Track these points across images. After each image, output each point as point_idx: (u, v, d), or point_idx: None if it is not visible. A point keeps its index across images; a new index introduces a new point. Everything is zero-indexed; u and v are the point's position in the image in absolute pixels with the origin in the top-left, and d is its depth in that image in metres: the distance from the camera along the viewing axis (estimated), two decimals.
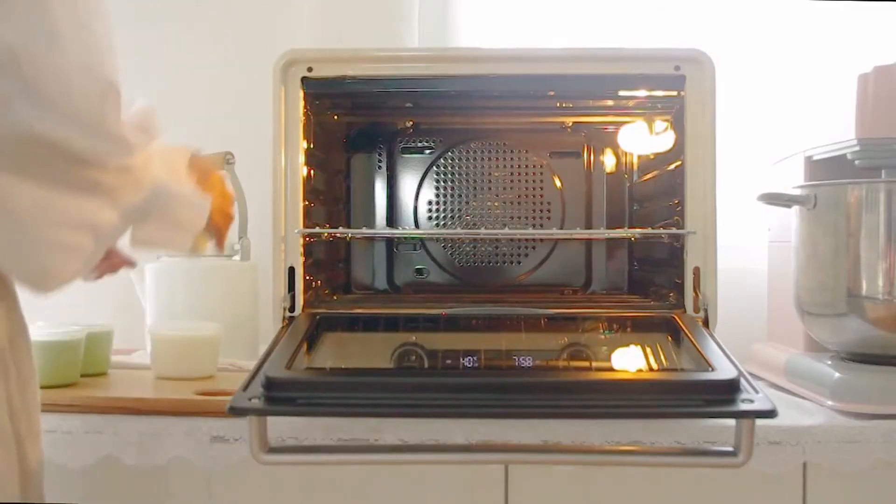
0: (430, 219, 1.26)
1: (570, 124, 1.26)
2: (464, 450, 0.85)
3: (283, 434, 0.85)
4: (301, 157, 1.02)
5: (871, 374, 0.94)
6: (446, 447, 0.85)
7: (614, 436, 0.86)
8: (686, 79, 1.01)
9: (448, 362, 0.95)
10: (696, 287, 1.01)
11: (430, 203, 1.26)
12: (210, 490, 0.90)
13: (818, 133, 1.07)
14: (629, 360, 0.96)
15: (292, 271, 1.02)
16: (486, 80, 1.05)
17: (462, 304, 1.08)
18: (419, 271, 1.27)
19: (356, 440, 0.86)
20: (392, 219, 1.26)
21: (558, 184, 1.26)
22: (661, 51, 1.04)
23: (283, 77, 1.01)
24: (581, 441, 0.86)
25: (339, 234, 1.19)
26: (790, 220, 1.05)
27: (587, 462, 0.88)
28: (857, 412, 0.91)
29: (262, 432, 0.77)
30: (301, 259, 1.03)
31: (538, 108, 1.25)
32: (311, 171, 1.08)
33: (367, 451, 0.85)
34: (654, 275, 1.19)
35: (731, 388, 0.78)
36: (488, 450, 0.85)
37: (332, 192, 1.22)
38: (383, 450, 0.85)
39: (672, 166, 1.09)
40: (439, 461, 0.87)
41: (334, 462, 0.87)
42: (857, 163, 1.00)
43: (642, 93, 1.11)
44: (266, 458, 0.77)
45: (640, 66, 1.03)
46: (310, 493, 0.91)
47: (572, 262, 1.26)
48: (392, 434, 0.85)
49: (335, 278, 1.22)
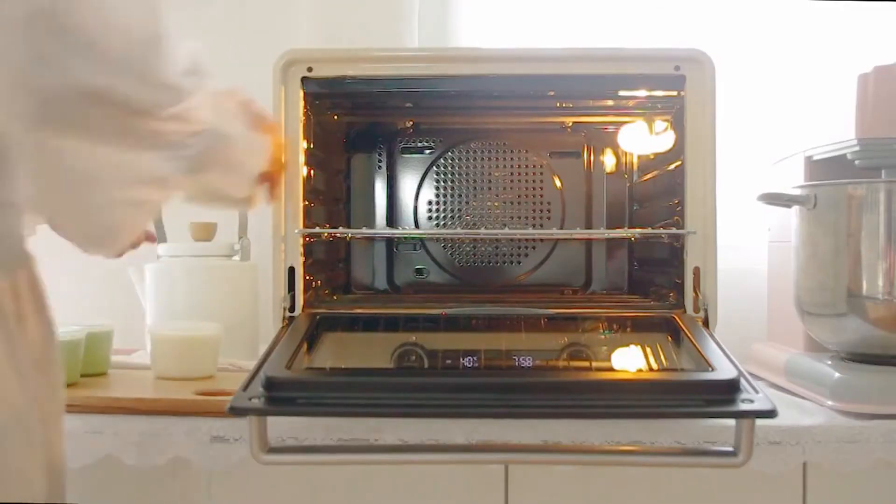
0: (430, 219, 1.26)
1: (570, 124, 1.26)
2: (464, 450, 0.85)
3: (283, 434, 0.85)
4: (301, 157, 1.02)
5: (871, 374, 0.94)
6: (446, 447, 0.85)
7: (614, 436, 0.86)
8: (686, 79, 1.01)
9: (448, 362, 0.95)
10: (696, 287, 1.01)
11: (430, 203, 1.26)
12: (210, 490, 0.90)
13: (818, 133, 1.07)
14: (629, 360, 0.96)
15: (292, 271, 1.02)
16: (486, 80, 1.05)
17: (462, 304, 1.08)
18: (419, 271, 1.27)
19: (356, 440, 0.86)
20: (392, 219, 1.26)
21: (558, 184, 1.26)
22: (661, 51, 1.04)
23: (283, 77, 1.01)
24: (581, 441, 0.86)
25: (339, 234, 1.19)
26: (790, 220, 1.05)
27: (587, 462, 0.88)
28: (857, 412, 0.91)
29: (262, 432, 0.77)
30: (301, 259, 1.03)
31: (538, 108, 1.25)
32: (311, 171, 1.08)
33: (367, 451, 0.85)
34: (654, 275, 1.19)
35: (731, 388, 0.78)
36: (488, 450, 0.85)
37: (332, 192, 1.22)
38: (383, 450, 0.85)
39: (672, 166, 1.09)
40: (439, 461, 0.87)
41: (334, 462, 0.87)
42: (857, 163, 1.00)
43: (642, 93, 1.11)
44: (266, 458, 0.77)
45: (640, 66, 1.03)
46: (310, 493, 0.91)
47: (572, 262, 1.26)
48: (392, 434, 0.85)
49: (335, 278, 1.22)
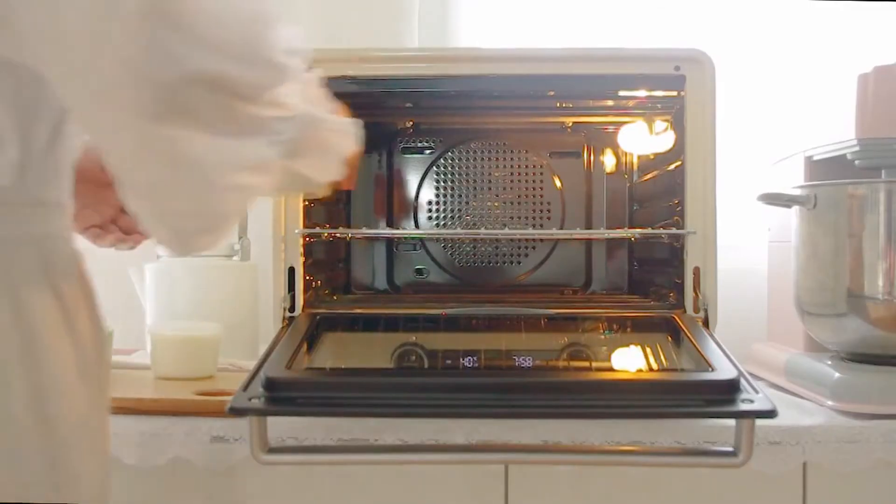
0: (430, 219, 1.26)
1: (570, 124, 1.26)
2: (464, 450, 0.85)
3: (283, 434, 0.85)
4: None
5: (871, 374, 0.94)
6: (446, 447, 0.85)
7: (614, 436, 0.86)
8: (686, 79, 1.01)
9: (448, 362, 0.95)
10: (696, 287, 1.01)
11: (430, 203, 1.26)
12: (210, 490, 0.90)
13: (818, 133, 1.07)
14: (629, 360, 0.96)
15: (292, 271, 1.02)
16: (486, 80, 1.05)
17: (462, 304, 1.08)
18: (419, 271, 1.27)
19: (356, 440, 0.86)
20: (392, 219, 1.26)
21: (558, 184, 1.26)
22: (661, 51, 1.04)
23: None
24: (581, 441, 0.86)
25: (339, 234, 1.19)
26: (790, 220, 1.05)
27: (587, 462, 0.88)
28: (857, 412, 0.91)
29: (262, 432, 0.77)
30: (301, 259, 1.03)
31: (538, 108, 1.25)
32: None
33: (367, 451, 0.85)
34: (654, 275, 1.19)
35: (731, 388, 0.78)
36: (488, 450, 0.85)
37: (331, 192, 1.22)
38: (383, 450, 0.85)
39: (672, 166, 1.09)
40: (439, 461, 0.87)
41: (334, 462, 0.87)
42: (857, 163, 1.00)
43: (642, 93, 1.11)
44: (266, 458, 0.77)
45: (640, 66, 1.03)
46: (310, 493, 0.91)
47: (572, 263, 1.26)
48: (392, 434, 0.85)
49: (335, 278, 1.22)
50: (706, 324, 0.99)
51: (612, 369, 0.94)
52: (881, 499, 0.90)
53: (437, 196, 1.26)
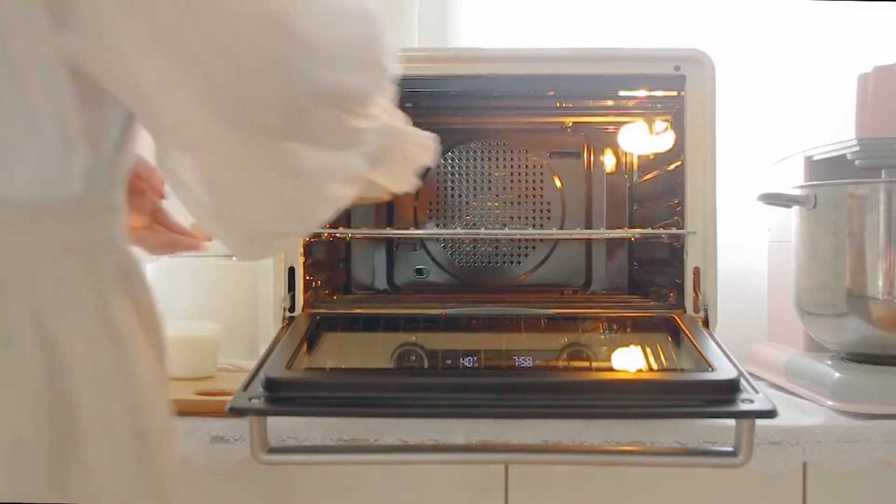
0: (430, 219, 1.26)
1: (570, 124, 1.26)
2: (464, 450, 0.85)
3: (283, 434, 0.85)
4: None
5: (871, 374, 0.94)
6: (446, 447, 0.85)
7: (614, 436, 0.86)
8: (686, 79, 1.01)
9: (448, 362, 0.95)
10: (696, 287, 1.01)
11: (430, 203, 1.26)
12: (210, 490, 0.90)
13: (818, 133, 1.07)
14: (629, 361, 0.96)
15: (292, 271, 1.02)
16: (486, 80, 1.05)
17: (462, 304, 1.08)
18: (419, 271, 1.27)
19: (356, 440, 0.86)
20: (392, 219, 1.26)
21: (558, 184, 1.26)
22: (661, 51, 1.04)
23: None
24: (581, 441, 0.86)
25: (339, 234, 1.19)
26: (790, 220, 1.05)
27: (587, 462, 0.88)
28: (857, 412, 0.91)
29: (262, 432, 0.77)
30: (301, 259, 1.03)
31: (538, 108, 1.25)
32: None
33: (367, 451, 0.85)
34: (654, 275, 1.19)
35: (731, 388, 0.78)
36: (488, 450, 0.85)
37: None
38: (383, 450, 0.85)
39: (672, 166, 1.09)
40: (439, 461, 0.87)
41: (334, 462, 0.87)
42: (857, 163, 1.00)
43: (642, 93, 1.11)
44: (266, 458, 0.77)
45: (640, 66, 1.03)
46: (310, 493, 0.91)
47: (572, 263, 1.26)
48: (392, 434, 0.85)
49: (335, 278, 1.22)
50: (706, 324, 0.99)
51: (612, 369, 0.94)
52: (881, 499, 0.90)
53: (437, 196, 1.26)
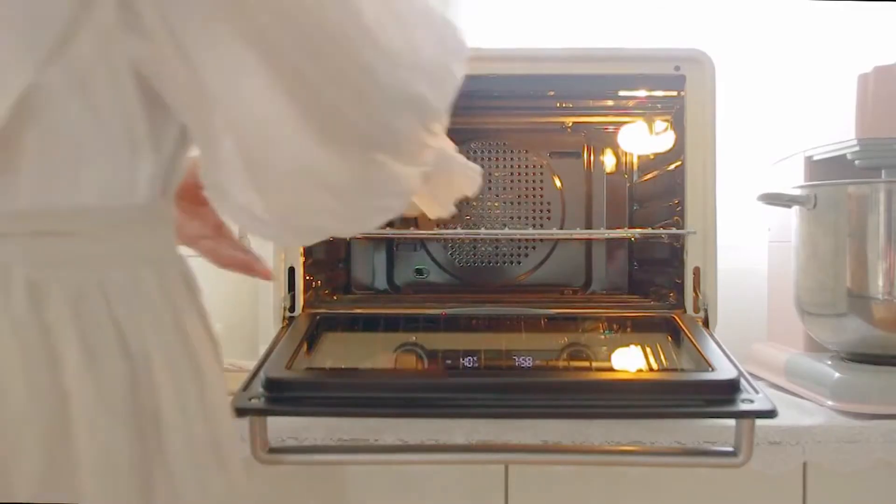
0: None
1: (570, 124, 1.26)
2: (464, 450, 0.85)
3: (283, 434, 0.85)
4: None
5: (871, 374, 0.94)
6: (446, 447, 0.85)
7: (614, 436, 0.86)
8: (686, 79, 1.01)
9: (448, 362, 0.95)
10: (696, 287, 1.01)
11: None
12: None
13: (818, 133, 1.07)
14: (629, 360, 0.96)
15: (292, 271, 1.02)
16: (486, 80, 1.05)
17: (462, 304, 1.08)
18: (419, 271, 1.27)
19: (356, 440, 0.86)
20: (392, 219, 1.26)
21: (558, 184, 1.26)
22: (661, 51, 1.04)
23: None
24: (581, 441, 0.86)
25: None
26: (790, 220, 1.05)
27: (587, 462, 0.88)
28: (857, 412, 0.91)
29: (262, 432, 0.77)
30: (301, 259, 1.03)
31: (538, 108, 1.25)
32: None
33: (367, 451, 0.85)
34: (654, 275, 1.19)
35: (731, 388, 0.79)
36: (488, 450, 0.85)
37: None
38: (383, 450, 0.85)
39: (672, 166, 1.09)
40: (439, 461, 0.87)
41: (334, 462, 0.87)
42: (857, 163, 1.00)
43: (642, 93, 1.11)
44: (266, 458, 0.77)
45: (640, 66, 1.03)
46: (310, 493, 0.91)
47: (572, 263, 1.26)
48: (392, 434, 0.85)
49: (335, 278, 1.22)
50: (706, 324, 0.99)
51: (612, 369, 0.94)
52: (881, 499, 0.90)
53: None
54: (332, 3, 0.51)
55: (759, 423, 0.79)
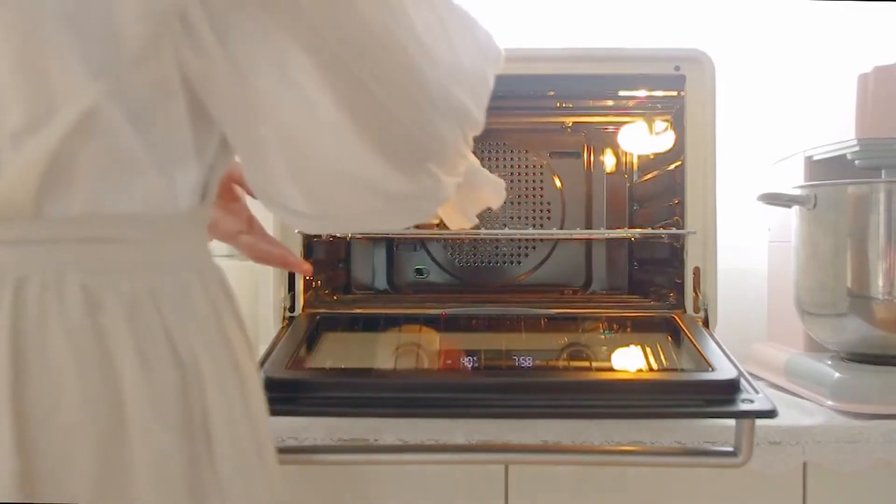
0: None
1: (570, 124, 1.26)
2: (464, 450, 0.85)
3: (283, 434, 0.85)
4: None
5: (871, 374, 0.94)
6: (446, 447, 0.85)
7: (614, 436, 0.86)
8: (686, 79, 1.01)
9: (448, 362, 0.95)
10: (696, 287, 1.01)
11: None
12: None
13: (818, 133, 1.07)
14: (629, 360, 0.96)
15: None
16: None
17: (462, 304, 1.08)
18: (419, 271, 1.27)
19: (356, 440, 0.86)
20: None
21: (558, 184, 1.26)
22: (661, 51, 1.04)
23: None
24: (581, 441, 0.86)
25: (338, 234, 1.19)
26: (790, 220, 1.05)
27: (587, 462, 0.88)
28: (857, 412, 0.91)
29: None
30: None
31: (538, 107, 1.25)
32: None
33: (367, 451, 0.85)
34: (654, 275, 1.19)
35: (731, 388, 0.79)
36: (488, 450, 0.85)
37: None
38: (383, 450, 0.85)
39: (672, 166, 1.09)
40: (439, 461, 0.87)
41: (334, 462, 0.87)
42: (857, 163, 1.00)
43: (642, 93, 1.11)
44: None
45: (639, 66, 1.03)
46: (310, 493, 0.91)
47: (572, 263, 1.26)
48: (392, 434, 0.85)
49: (335, 278, 1.22)
50: (706, 324, 0.99)
51: (612, 369, 0.94)
52: (881, 499, 0.90)
53: None
54: (385, 12, 0.51)
55: (759, 423, 0.79)
